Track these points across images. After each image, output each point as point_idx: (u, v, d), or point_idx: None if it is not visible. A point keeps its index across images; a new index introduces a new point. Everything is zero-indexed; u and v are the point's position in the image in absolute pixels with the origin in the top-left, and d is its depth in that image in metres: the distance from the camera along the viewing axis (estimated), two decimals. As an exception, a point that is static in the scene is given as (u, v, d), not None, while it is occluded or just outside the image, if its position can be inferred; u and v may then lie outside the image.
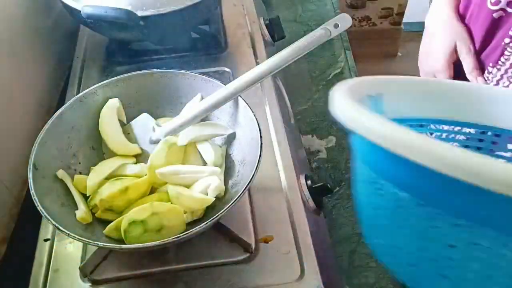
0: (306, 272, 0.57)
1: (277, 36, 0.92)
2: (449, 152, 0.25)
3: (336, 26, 0.60)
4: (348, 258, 0.72)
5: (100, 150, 0.66)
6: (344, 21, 0.59)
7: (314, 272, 0.57)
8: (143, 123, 0.67)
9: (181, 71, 0.68)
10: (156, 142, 0.64)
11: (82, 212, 0.57)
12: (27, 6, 0.83)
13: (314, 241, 0.60)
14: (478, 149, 0.49)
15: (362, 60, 1.13)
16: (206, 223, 0.51)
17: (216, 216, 0.51)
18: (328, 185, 0.66)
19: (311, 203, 0.65)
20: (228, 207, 0.52)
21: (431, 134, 0.57)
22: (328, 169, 0.85)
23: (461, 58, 0.66)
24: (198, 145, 0.65)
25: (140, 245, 0.51)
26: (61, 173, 0.60)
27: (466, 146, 0.50)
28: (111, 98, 0.66)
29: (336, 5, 1.14)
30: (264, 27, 0.92)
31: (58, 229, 0.51)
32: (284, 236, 0.60)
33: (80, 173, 0.63)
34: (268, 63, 0.60)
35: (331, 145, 0.89)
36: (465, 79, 0.67)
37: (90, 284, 0.57)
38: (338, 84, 0.35)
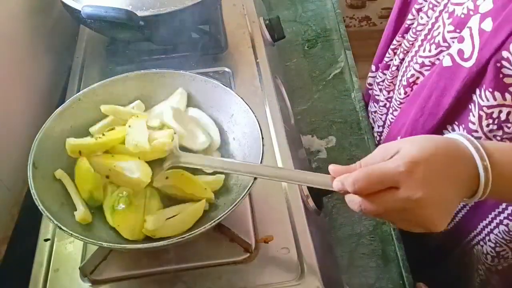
0: (306, 272, 0.57)
1: (277, 36, 0.92)
2: None
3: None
4: (348, 258, 0.72)
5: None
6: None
7: (314, 272, 0.57)
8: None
9: (181, 71, 0.68)
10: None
11: (81, 212, 0.57)
12: (27, 6, 0.83)
13: (314, 241, 0.60)
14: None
15: (362, 60, 1.13)
16: (208, 225, 0.51)
17: (218, 219, 0.51)
18: (328, 185, 0.66)
19: (311, 203, 0.65)
20: (230, 209, 0.52)
21: None
22: (328, 169, 0.85)
23: None
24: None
25: (141, 245, 0.51)
26: (59, 173, 0.59)
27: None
28: (110, 98, 0.66)
29: (336, 5, 1.14)
30: (264, 27, 0.92)
31: (60, 228, 0.51)
32: (284, 236, 0.60)
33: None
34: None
35: (331, 145, 0.89)
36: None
37: (90, 284, 0.57)
38: None
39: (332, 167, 0.50)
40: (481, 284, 0.73)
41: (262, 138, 0.58)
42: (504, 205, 0.63)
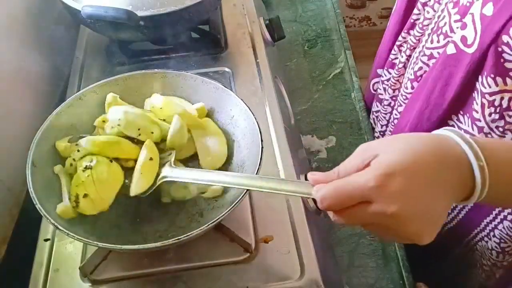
0: (306, 272, 0.57)
1: (277, 36, 0.92)
2: None
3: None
4: (348, 258, 0.72)
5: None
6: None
7: (314, 272, 0.57)
8: None
9: (181, 72, 0.68)
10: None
11: (63, 206, 0.56)
12: (27, 6, 0.83)
13: (314, 241, 0.60)
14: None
15: (362, 60, 1.13)
16: (207, 225, 0.51)
17: (217, 219, 0.52)
18: (328, 185, 0.66)
19: (311, 203, 0.65)
20: (229, 210, 0.52)
21: None
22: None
23: None
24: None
25: (140, 246, 0.51)
26: (58, 168, 0.59)
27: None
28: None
29: (336, 5, 1.14)
30: (264, 27, 0.92)
31: (57, 227, 0.51)
32: (284, 236, 0.60)
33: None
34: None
35: (331, 145, 0.89)
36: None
37: (90, 284, 0.57)
38: None
39: (310, 176, 0.47)
40: (486, 279, 0.73)
41: (262, 140, 0.58)
42: None
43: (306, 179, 0.67)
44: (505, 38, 0.52)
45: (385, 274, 0.71)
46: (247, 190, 0.53)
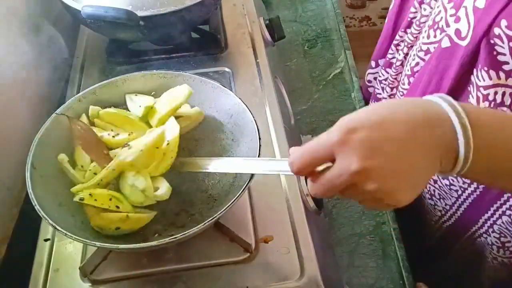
0: (306, 272, 0.57)
1: (277, 36, 0.92)
2: None
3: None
4: (348, 258, 0.72)
5: (100, 150, 0.66)
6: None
7: (314, 272, 0.57)
8: None
9: (180, 72, 0.68)
10: None
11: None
12: (27, 6, 0.83)
13: (314, 241, 0.60)
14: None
15: (362, 60, 1.13)
16: (205, 223, 0.51)
17: (215, 216, 0.51)
18: (328, 185, 0.66)
19: (311, 203, 0.65)
20: (226, 208, 0.52)
21: None
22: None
23: None
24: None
25: (139, 245, 0.51)
26: (61, 157, 0.59)
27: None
28: (110, 99, 0.66)
29: (336, 5, 1.14)
30: (264, 27, 0.92)
31: (56, 228, 0.51)
32: (284, 236, 0.60)
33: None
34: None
35: (331, 145, 0.89)
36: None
37: (90, 284, 0.57)
38: None
39: (291, 151, 0.44)
40: (493, 271, 0.73)
41: (260, 138, 0.58)
42: (505, 197, 0.63)
43: (306, 179, 0.67)
44: (496, 30, 0.52)
45: (385, 274, 0.70)
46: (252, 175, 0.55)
